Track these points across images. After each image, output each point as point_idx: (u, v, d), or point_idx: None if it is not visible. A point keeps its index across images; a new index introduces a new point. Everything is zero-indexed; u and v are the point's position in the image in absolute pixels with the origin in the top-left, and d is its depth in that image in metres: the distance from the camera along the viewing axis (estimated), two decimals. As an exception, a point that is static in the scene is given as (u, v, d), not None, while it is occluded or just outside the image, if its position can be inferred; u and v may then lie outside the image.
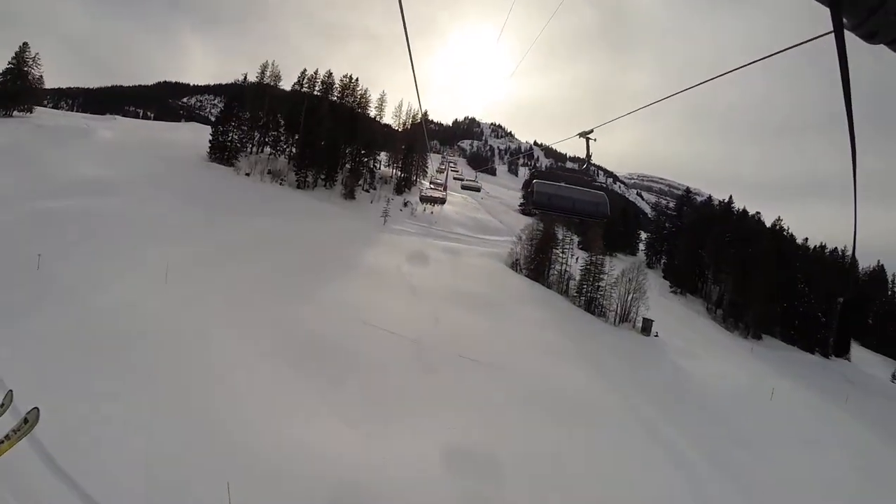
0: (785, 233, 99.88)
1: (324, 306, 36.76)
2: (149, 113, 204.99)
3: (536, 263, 73.07)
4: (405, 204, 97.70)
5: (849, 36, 1.89)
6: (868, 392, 66.17)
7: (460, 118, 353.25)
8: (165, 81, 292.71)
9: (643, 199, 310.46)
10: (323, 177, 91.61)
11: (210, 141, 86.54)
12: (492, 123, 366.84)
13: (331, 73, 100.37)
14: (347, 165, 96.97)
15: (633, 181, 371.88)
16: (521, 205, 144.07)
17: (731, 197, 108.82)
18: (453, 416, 26.95)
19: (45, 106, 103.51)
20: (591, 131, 9.78)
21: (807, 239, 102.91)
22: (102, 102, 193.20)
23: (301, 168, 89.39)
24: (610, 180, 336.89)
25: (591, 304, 65.96)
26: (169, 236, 42.42)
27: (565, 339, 47.82)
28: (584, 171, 10.95)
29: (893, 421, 53.89)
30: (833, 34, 1.90)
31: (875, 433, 47.09)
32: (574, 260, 74.70)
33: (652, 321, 62.19)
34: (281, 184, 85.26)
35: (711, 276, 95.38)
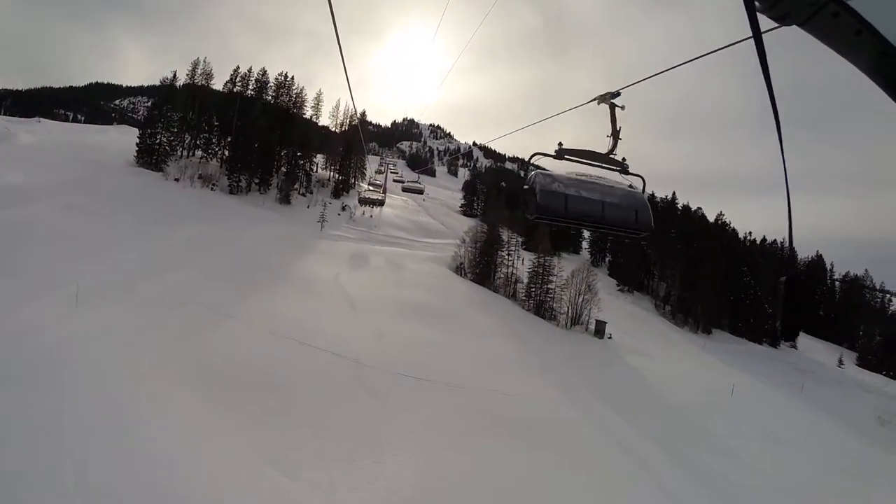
0: (727, 227, 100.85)
1: (252, 324, 32.62)
2: (79, 116, 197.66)
3: (482, 267, 69.71)
4: (343, 208, 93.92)
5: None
6: (820, 380, 67.77)
7: (399, 119, 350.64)
8: (97, 83, 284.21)
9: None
10: (257, 181, 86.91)
11: (137, 144, 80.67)
12: (431, 124, 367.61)
13: (265, 71, 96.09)
14: (283, 169, 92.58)
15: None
16: (461, 206, 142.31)
17: (674, 193, 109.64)
18: (406, 451, 23.35)
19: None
20: (618, 94, 6.08)
21: (750, 233, 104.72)
22: (31, 105, 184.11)
23: (233, 172, 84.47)
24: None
25: (541, 307, 63.22)
26: (86, 249, 37.80)
27: (518, 347, 44.82)
28: (609, 156, 6.48)
29: (849, 408, 55.20)
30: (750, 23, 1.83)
31: (836, 423, 47.50)
32: (520, 262, 71.89)
33: (605, 323, 60.13)
34: (212, 189, 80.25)
35: (658, 273, 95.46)
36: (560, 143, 6.08)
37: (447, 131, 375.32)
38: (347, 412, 25.27)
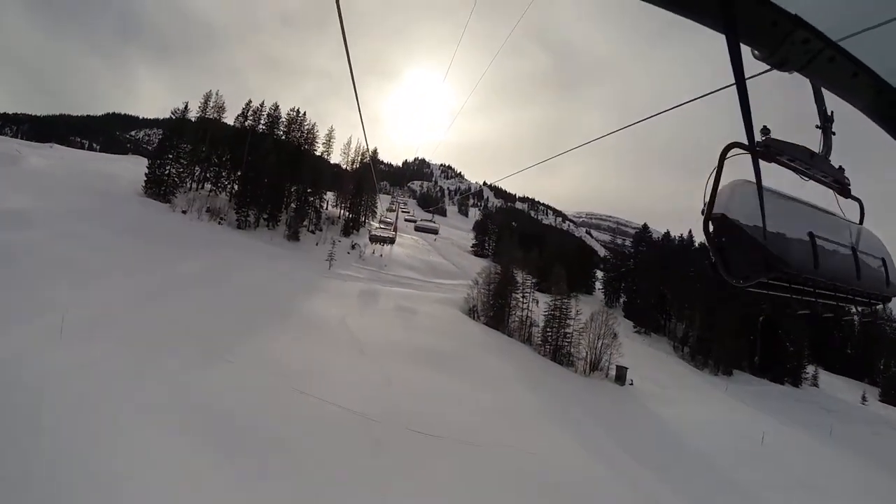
0: None
1: (253, 369, 30.06)
2: (95, 145, 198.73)
3: (496, 309, 67.36)
4: (353, 246, 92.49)
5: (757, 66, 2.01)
6: (847, 420, 65.96)
7: (410, 159, 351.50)
8: (114, 113, 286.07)
9: (592, 237, 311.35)
10: (265, 216, 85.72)
11: (146, 175, 79.68)
12: (441, 164, 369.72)
13: (277, 106, 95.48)
14: (292, 205, 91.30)
15: (581, 220, 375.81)
16: (473, 246, 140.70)
17: (690, 231, 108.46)
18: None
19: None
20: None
21: None
22: (49, 131, 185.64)
23: (242, 206, 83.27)
24: (559, 219, 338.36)
25: (558, 352, 60.54)
26: (81, 278, 35.90)
27: (536, 397, 42.02)
28: (824, 159, 3.01)
29: (880, 448, 53.40)
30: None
31: (870, 465, 45.75)
32: (534, 304, 69.40)
33: (626, 368, 57.65)
34: (220, 223, 79.09)
35: (675, 314, 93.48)
36: (766, 130, 2.93)
37: (458, 171, 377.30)
38: (351, 473, 22.62)
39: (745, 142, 2.76)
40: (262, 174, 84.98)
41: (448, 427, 29.65)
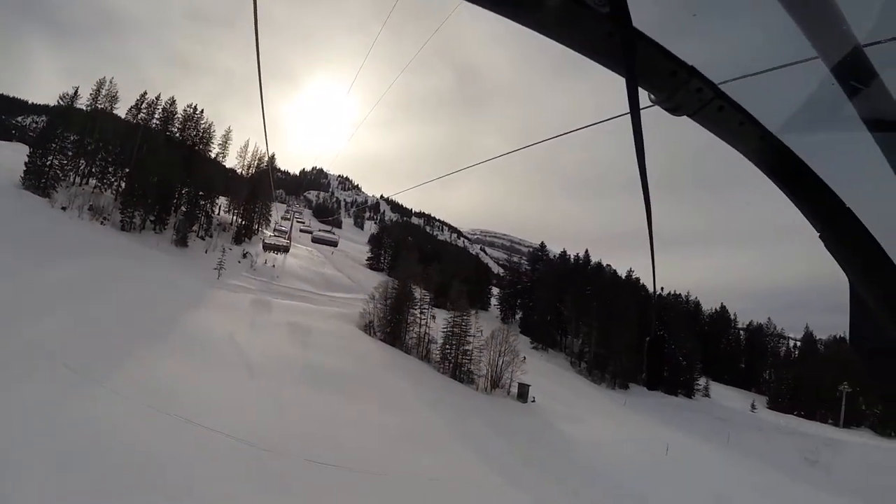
0: (640, 283, 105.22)
1: (128, 393, 26.25)
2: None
3: (393, 325, 65.76)
4: (244, 255, 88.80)
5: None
6: (740, 427, 69.18)
7: (308, 168, 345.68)
8: (1, 94, 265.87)
9: (487, 254, 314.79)
10: (152, 218, 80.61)
11: (26, 164, 73.00)
12: (339, 175, 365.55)
13: (174, 101, 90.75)
14: (182, 208, 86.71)
15: (476, 237, 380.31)
16: (368, 259, 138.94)
17: (587, 251, 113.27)
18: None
19: None
20: None
21: (662, 287, 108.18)
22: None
23: (128, 206, 77.77)
24: (454, 235, 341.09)
25: (458, 369, 59.76)
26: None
27: (439, 418, 40.41)
28: None
29: (776, 452, 56.65)
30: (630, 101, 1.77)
31: (771, 470, 48.84)
32: (432, 319, 68.15)
33: (528, 386, 57.49)
34: (102, 223, 73.59)
35: (572, 330, 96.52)
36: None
37: (355, 183, 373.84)
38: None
39: None
40: (152, 172, 79.60)
41: (350, 455, 27.11)
